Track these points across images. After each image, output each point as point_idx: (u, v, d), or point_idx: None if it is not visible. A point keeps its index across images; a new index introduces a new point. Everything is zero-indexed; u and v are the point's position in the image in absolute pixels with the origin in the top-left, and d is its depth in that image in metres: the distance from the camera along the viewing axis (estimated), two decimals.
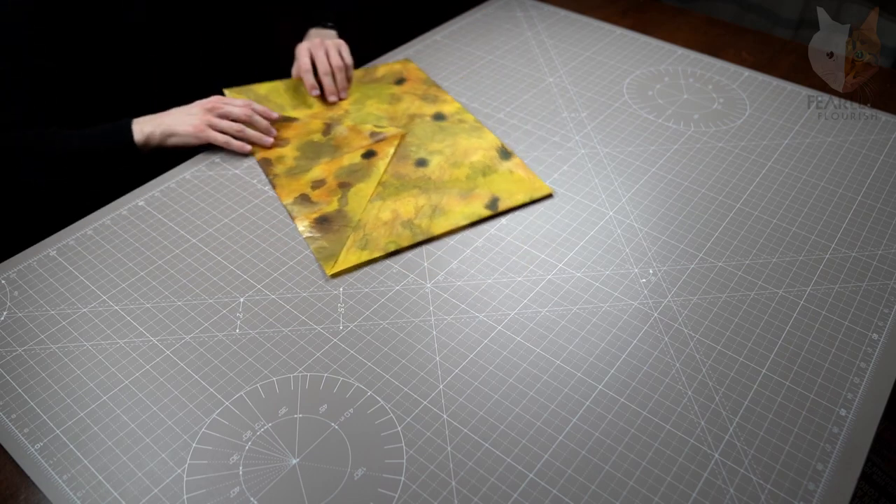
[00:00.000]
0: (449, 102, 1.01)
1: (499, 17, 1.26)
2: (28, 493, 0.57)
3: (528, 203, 0.84)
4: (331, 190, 0.85)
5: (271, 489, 0.56)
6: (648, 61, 1.13)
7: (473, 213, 0.82)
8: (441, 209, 0.82)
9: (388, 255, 0.77)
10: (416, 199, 0.84)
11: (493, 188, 0.85)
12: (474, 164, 0.89)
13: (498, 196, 0.84)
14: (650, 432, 0.60)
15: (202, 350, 0.67)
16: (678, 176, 0.89)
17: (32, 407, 0.62)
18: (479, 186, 0.86)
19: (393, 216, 0.81)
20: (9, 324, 0.70)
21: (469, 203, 0.83)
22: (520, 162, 0.90)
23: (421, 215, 0.81)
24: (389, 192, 0.85)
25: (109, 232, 0.80)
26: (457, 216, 0.82)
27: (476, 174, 0.87)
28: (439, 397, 0.63)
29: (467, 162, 0.89)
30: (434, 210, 0.82)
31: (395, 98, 1.02)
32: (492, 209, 0.83)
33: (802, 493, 0.56)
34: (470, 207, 0.83)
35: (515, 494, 0.56)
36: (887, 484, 1.19)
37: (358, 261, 0.76)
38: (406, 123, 0.97)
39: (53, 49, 0.84)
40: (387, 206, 0.83)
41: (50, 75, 0.85)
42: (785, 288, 0.74)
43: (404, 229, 0.80)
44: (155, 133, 0.86)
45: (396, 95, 1.02)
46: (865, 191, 0.87)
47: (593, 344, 0.68)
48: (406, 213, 0.82)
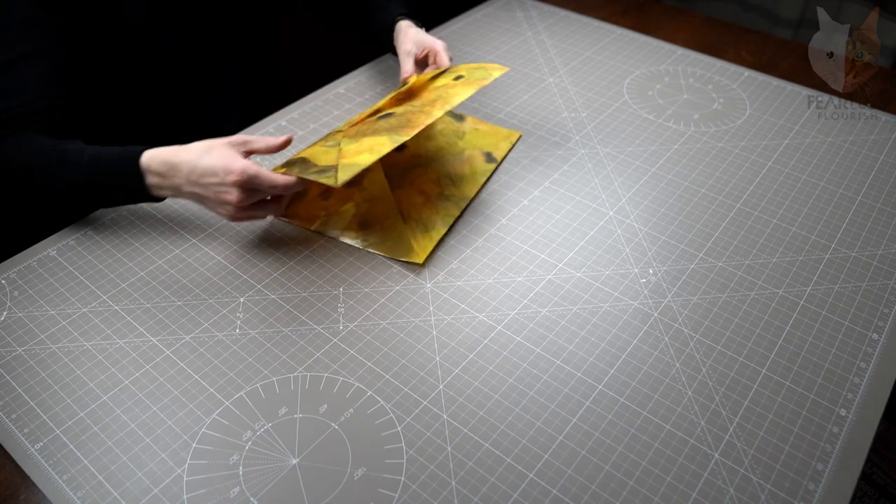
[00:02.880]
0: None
1: (499, 17, 1.26)
2: (28, 493, 0.57)
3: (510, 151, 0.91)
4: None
5: (271, 489, 0.56)
6: (648, 61, 1.13)
7: (483, 169, 0.87)
8: (456, 176, 0.85)
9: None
10: (428, 175, 0.86)
11: (476, 145, 0.90)
12: (443, 131, 0.91)
13: (488, 150, 0.89)
14: (650, 432, 0.60)
15: (202, 350, 0.67)
16: (678, 176, 0.89)
17: (32, 407, 0.62)
18: (466, 149, 0.89)
19: (423, 198, 0.83)
20: (9, 324, 0.70)
21: (472, 164, 0.87)
22: (473, 119, 0.94)
23: (446, 185, 0.84)
24: (395, 182, 0.85)
25: (109, 232, 0.80)
26: (475, 176, 0.86)
27: (453, 140, 0.90)
28: (439, 397, 0.63)
29: (437, 133, 0.92)
30: (451, 179, 0.85)
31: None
32: (491, 161, 0.88)
33: (802, 493, 0.56)
34: (475, 166, 0.87)
35: (515, 494, 0.56)
36: (887, 484, 1.19)
37: (433, 242, 0.78)
38: None
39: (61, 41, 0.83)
40: (406, 192, 0.84)
41: (61, 65, 0.83)
42: (785, 288, 0.74)
43: (444, 201, 0.83)
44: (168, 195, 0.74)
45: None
46: (865, 191, 0.87)
47: (593, 344, 0.68)
48: (432, 190, 0.84)
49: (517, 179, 0.88)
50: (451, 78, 0.85)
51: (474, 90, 0.79)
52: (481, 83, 0.81)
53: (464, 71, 0.86)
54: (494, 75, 0.83)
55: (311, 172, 0.70)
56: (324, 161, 0.72)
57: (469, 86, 0.80)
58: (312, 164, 0.72)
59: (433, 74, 0.88)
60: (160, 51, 0.93)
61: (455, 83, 0.83)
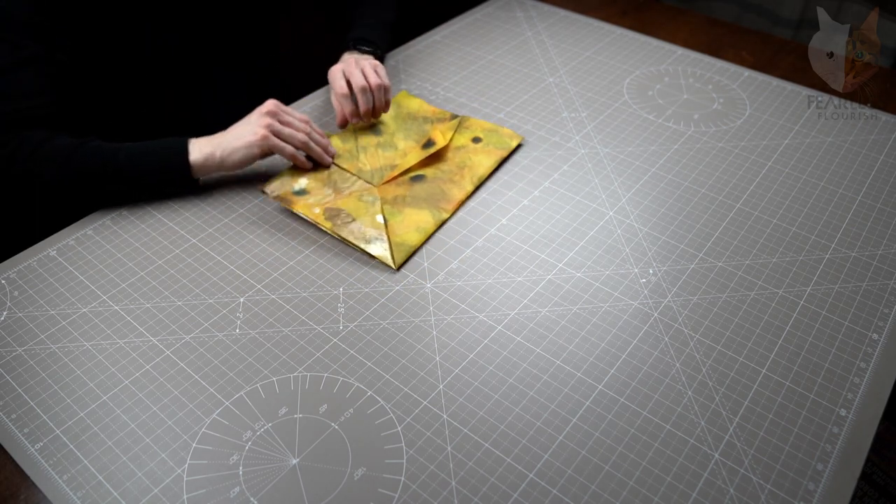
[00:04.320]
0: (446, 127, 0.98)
1: (499, 17, 1.26)
2: (28, 493, 0.57)
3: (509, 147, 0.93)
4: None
5: (271, 489, 0.56)
6: (648, 61, 1.13)
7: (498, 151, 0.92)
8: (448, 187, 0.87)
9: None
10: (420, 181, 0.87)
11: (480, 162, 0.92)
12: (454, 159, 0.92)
13: (477, 136, 0.94)
14: (650, 432, 0.60)
15: (202, 350, 0.67)
16: (678, 176, 0.89)
17: (32, 407, 0.62)
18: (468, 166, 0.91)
19: (407, 193, 0.85)
20: (9, 324, 0.70)
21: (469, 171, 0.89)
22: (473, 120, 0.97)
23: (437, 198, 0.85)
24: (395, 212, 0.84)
25: (109, 232, 0.80)
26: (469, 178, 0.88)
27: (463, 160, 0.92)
28: (439, 397, 0.63)
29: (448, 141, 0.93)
30: (443, 191, 0.86)
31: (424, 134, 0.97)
32: (477, 142, 0.93)
33: (802, 493, 0.56)
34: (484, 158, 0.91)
35: (515, 494, 0.56)
36: (887, 484, 1.19)
37: (411, 250, 0.78)
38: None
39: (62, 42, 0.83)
40: (392, 185, 0.86)
41: (62, 67, 0.83)
42: (785, 288, 0.74)
43: (431, 208, 0.83)
44: (215, 154, 0.80)
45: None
46: (865, 191, 0.87)
47: (593, 344, 0.68)
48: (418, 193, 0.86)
49: (517, 179, 0.88)
50: (468, 138, 0.94)
51: (495, 162, 0.90)
52: (501, 154, 0.91)
53: (480, 132, 0.95)
54: (512, 145, 0.93)
55: (357, 237, 0.78)
56: (362, 216, 0.80)
57: (490, 156, 0.91)
58: (350, 217, 0.80)
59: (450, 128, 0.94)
60: (160, 51, 0.93)
61: (476, 148, 0.92)
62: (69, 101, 0.84)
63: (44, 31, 0.80)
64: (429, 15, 1.28)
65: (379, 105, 0.92)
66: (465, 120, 0.97)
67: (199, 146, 0.81)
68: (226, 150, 0.81)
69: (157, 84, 0.96)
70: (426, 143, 0.91)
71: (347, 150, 0.91)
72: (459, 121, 0.96)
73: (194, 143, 0.81)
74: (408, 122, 0.97)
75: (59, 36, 0.82)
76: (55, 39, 0.82)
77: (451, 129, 0.94)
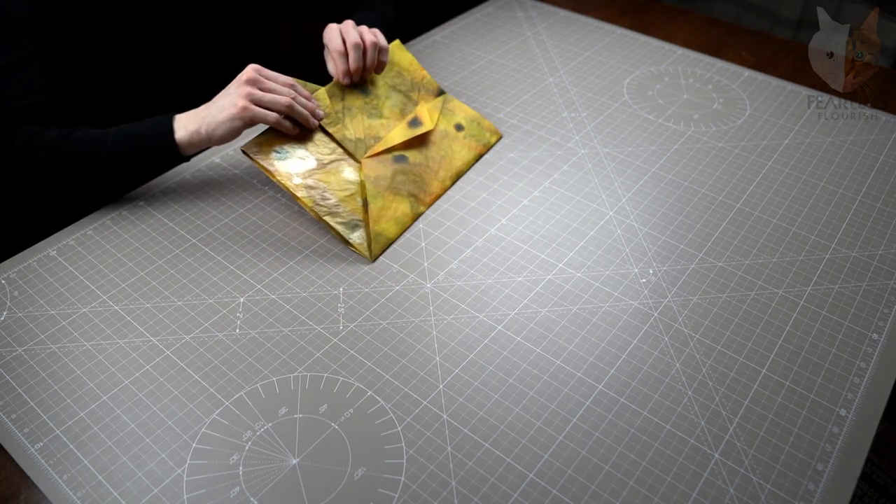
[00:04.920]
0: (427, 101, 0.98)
1: (499, 17, 1.26)
2: (28, 493, 0.57)
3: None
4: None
5: (271, 489, 0.56)
6: (648, 61, 1.13)
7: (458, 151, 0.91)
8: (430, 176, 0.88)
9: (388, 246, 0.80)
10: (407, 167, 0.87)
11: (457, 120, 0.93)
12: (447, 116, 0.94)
13: (460, 123, 0.94)
14: (650, 432, 0.60)
15: (202, 350, 0.67)
16: (678, 176, 0.89)
17: (32, 407, 0.62)
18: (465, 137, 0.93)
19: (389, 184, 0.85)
20: (9, 324, 0.70)
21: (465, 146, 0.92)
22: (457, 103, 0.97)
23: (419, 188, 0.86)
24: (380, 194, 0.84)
25: (109, 232, 0.80)
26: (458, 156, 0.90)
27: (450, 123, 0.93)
28: (439, 397, 0.63)
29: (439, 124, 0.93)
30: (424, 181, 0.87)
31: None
32: (461, 130, 0.93)
33: (802, 493, 0.56)
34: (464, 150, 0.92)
35: (515, 494, 0.56)
36: (887, 484, 1.19)
37: (387, 243, 0.79)
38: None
39: (61, 41, 0.83)
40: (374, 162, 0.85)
41: (62, 66, 0.83)
42: (785, 288, 0.74)
43: (412, 202, 0.84)
44: (200, 131, 0.78)
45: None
46: (865, 191, 0.87)
47: (593, 344, 0.68)
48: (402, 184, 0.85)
49: (517, 179, 0.88)
50: (451, 123, 0.94)
51: (475, 158, 0.93)
52: (480, 150, 0.93)
53: (463, 119, 0.95)
54: (492, 141, 0.96)
55: (337, 221, 0.78)
56: (342, 196, 0.80)
57: (470, 150, 0.93)
58: (331, 196, 0.79)
59: (434, 107, 0.94)
60: (160, 51, 0.93)
61: (458, 136, 0.93)
62: (69, 101, 0.84)
63: (44, 31, 0.80)
64: (429, 15, 1.28)
65: (371, 64, 0.89)
66: (450, 101, 0.96)
67: (185, 123, 0.79)
68: (210, 125, 0.78)
69: (157, 84, 0.96)
70: (412, 121, 0.90)
71: (333, 110, 0.86)
72: (444, 99, 0.95)
73: (179, 121, 0.79)
74: (396, 82, 0.94)
75: (59, 35, 0.82)
76: (55, 39, 0.82)
77: (436, 108, 0.93)
